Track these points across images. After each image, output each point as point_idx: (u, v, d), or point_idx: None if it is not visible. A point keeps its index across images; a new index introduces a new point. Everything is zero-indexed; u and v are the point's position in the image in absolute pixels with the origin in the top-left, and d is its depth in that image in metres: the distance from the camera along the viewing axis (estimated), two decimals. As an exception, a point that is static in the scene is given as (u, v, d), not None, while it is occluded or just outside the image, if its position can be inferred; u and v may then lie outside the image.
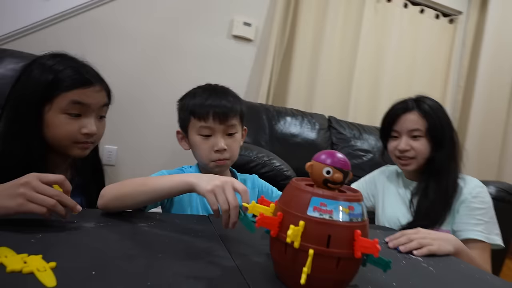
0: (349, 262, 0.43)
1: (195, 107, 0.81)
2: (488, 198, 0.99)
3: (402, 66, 2.75)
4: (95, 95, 0.76)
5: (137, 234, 0.59)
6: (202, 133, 0.81)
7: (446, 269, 0.67)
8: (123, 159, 2.14)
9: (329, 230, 0.42)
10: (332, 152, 0.47)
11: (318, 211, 0.42)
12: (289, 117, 2.13)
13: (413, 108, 1.03)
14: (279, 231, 0.44)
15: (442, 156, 1.01)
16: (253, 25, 2.35)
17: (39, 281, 0.38)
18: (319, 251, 0.41)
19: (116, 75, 2.11)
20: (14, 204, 0.51)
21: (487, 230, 0.94)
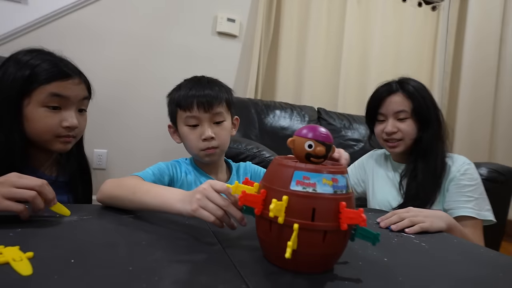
0: (336, 235, 0.42)
1: (180, 98, 0.82)
2: (477, 175, 1.00)
3: (388, 55, 2.77)
4: (74, 88, 0.75)
5: (121, 225, 0.58)
6: (189, 123, 0.82)
7: (439, 244, 0.67)
8: (114, 162, 2.12)
9: (313, 203, 0.41)
10: (314, 126, 0.46)
11: (301, 184, 0.41)
12: (278, 110, 2.13)
13: (397, 90, 1.03)
14: (263, 208, 0.43)
15: (429, 136, 1.00)
16: (237, 21, 2.34)
17: (14, 271, 0.37)
18: (304, 225, 0.40)
19: (102, 78, 2.09)
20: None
21: (477, 206, 0.95)
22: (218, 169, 0.89)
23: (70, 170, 0.83)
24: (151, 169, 0.80)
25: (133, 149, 2.15)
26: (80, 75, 0.78)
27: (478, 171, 1.67)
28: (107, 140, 2.07)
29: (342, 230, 0.41)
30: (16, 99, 0.70)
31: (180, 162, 0.89)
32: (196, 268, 0.43)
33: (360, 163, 1.24)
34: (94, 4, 2.01)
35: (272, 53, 2.43)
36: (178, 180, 0.84)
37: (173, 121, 0.87)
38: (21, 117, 0.71)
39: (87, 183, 0.89)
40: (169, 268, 0.42)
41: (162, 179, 0.80)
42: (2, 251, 0.41)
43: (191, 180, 0.85)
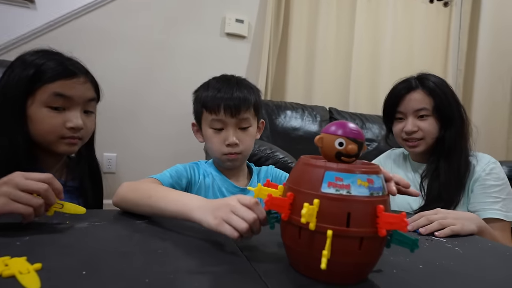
0: (373, 242, 0.38)
1: (207, 99, 0.78)
2: (503, 174, 0.94)
3: (399, 52, 2.71)
4: (79, 87, 0.72)
5: (134, 232, 0.54)
6: (214, 127, 0.78)
7: (473, 248, 0.62)
8: (123, 166, 2.10)
9: (348, 207, 0.37)
10: (343, 122, 0.42)
11: (333, 186, 0.37)
12: (289, 110, 2.08)
13: (417, 87, 0.98)
14: (290, 213, 0.39)
15: (452, 134, 0.95)
16: (246, 22, 2.31)
17: (21, 285, 0.34)
18: (338, 232, 0.36)
19: (112, 81, 2.08)
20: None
21: (505, 207, 0.89)
22: (240, 173, 0.86)
23: (79, 174, 0.81)
24: (168, 171, 0.77)
25: (143, 153, 2.13)
26: (86, 74, 0.75)
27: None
28: (116, 144, 2.06)
29: (380, 236, 0.37)
30: (20, 99, 0.68)
31: (199, 164, 0.86)
32: (218, 280, 0.39)
33: (377, 163, 1.18)
34: (103, 7, 2.00)
35: (281, 53, 2.40)
36: (196, 183, 0.80)
37: (198, 120, 0.84)
38: (25, 118, 0.69)
39: (98, 187, 0.87)
40: (189, 280, 0.38)
41: (180, 181, 0.77)
42: (8, 262, 0.38)
43: (209, 183, 0.81)
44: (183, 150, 2.20)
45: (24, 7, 1.83)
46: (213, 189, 0.80)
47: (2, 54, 1.80)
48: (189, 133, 2.37)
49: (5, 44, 1.79)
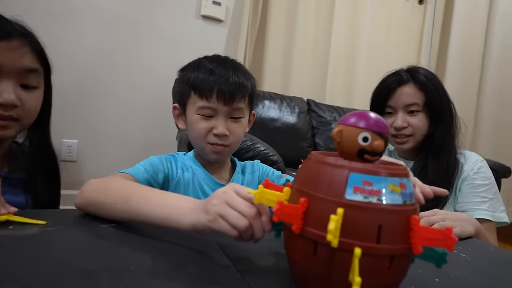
0: (404, 260, 0.31)
1: (198, 81, 0.66)
2: (490, 173, 0.92)
3: (375, 47, 2.72)
4: (10, 54, 0.57)
5: (100, 239, 0.44)
6: (202, 113, 0.67)
7: (478, 254, 0.59)
8: (86, 154, 1.92)
9: (379, 218, 0.29)
10: (365, 113, 0.34)
11: (361, 192, 0.29)
12: (267, 100, 2.01)
13: (409, 80, 0.93)
14: (303, 224, 0.31)
15: (441, 131, 0.92)
16: (223, 4, 2.19)
17: None
18: (367, 250, 0.28)
19: (74, 59, 1.89)
20: None
21: (492, 207, 0.87)
22: (223, 167, 0.76)
23: (27, 164, 0.67)
24: (142, 165, 0.65)
25: (109, 140, 1.97)
26: (25, 36, 0.60)
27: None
28: (78, 130, 1.87)
29: (413, 253, 0.30)
30: None
31: (176, 156, 0.74)
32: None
33: None
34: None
35: (259, 40, 2.31)
36: (173, 178, 0.70)
37: (181, 104, 0.72)
38: None
39: (54, 181, 0.73)
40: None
41: (156, 177, 0.66)
42: None
43: (189, 178, 0.71)
44: (153, 139, 2.06)
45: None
46: (193, 184, 0.70)
47: None
48: (160, 121, 2.21)
49: None
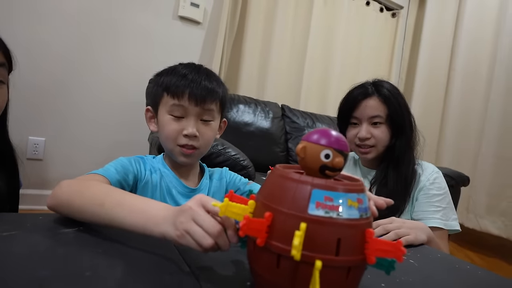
0: (359, 271, 0.33)
1: (171, 82, 0.69)
2: (444, 184, 0.98)
3: (349, 57, 2.81)
4: None
5: (58, 246, 0.43)
6: (173, 113, 0.69)
7: (426, 260, 0.62)
8: (52, 152, 1.85)
9: (338, 232, 0.31)
10: (326, 130, 0.36)
11: (322, 208, 0.31)
12: (242, 104, 2.02)
13: (373, 93, 0.98)
14: (268, 238, 0.32)
15: (402, 143, 0.97)
16: (201, 6, 2.18)
17: None
18: (327, 262, 0.30)
19: (43, 57, 1.82)
20: None
21: (445, 216, 0.93)
22: (191, 171, 0.77)
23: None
24: (113, 166, 0.65)
25: (77, 139, 1.90)
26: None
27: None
28: (45, 127, 1.80)
29: (367, 264, 0.32)
30: None
31: (145, 158, 0.75)
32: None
33: None
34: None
35: (236, 44, 2.32)
36: (141, 179, 0.70)
37: (154, 106, 0.74)
38: None
39: (12, 178, 0.71)
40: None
41: (127, 177, 0.66)
42: None
43: (157, 180, 0.72)
44: (124, 139, 2.01)
45: None
46: (161, 187, 0.71)
47: None
48: (132, 122, 2.17)
49: None
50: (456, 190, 1.88)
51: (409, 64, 3.17)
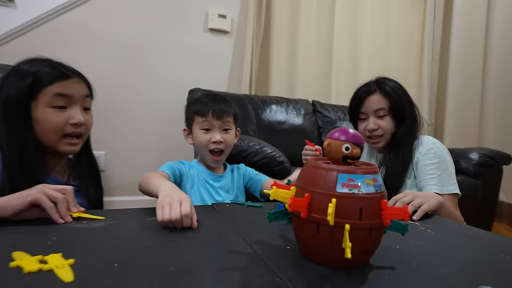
0: (378, 231, 0.44)
1: (199, 107, 0.99)
2: (441, 152, 1.06)
3: (377, 44, 2.80)
4: (75, 86, 0.77)
5: (147, 228, 0.59)
6: (203, 127, 0.99)
7: (443, 230, 0.70)
8: (112, 163, 2.09)
9: (360, 203, 0.42)
10: (345, 129, 0.48)
11: (347, 186, 0.43)
12: (274, 105, 2.14)
13: (376, 90, 1.11)
14: (308, 212, 0.44)
15: (403, 130, 1.09)
16: (228, 17, 2.33)
17: (57, 278, 0.38)
18: (353, 225, 0.41)
19: (96, 79, 2.02)
20: (32, 192, 0.56)
21: (440, 182, 1.01)
22: (218, 168, 1.06)
23: (80, 172, 0.84)
24: (166, 166, 0.95)
25: (131, 150, 2.13)
26: (79, 75, 0.80)
27: (469, 156, 1.75)
28: (105, 142, 2.05)
29: (384, 225, 0.43)
30: (24, 105, 0.72)
31: (183, 161, 1.04)
32: (231, 264, 0.44)
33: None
34: (84, 4, 1.96)
35: (264, 47, 2.43)
36: (184, 173, 1.00)
37: (189, 126, 1.04)
38: (31, 121, 0.73)
39: (98, 184, 0.90)
40: (206, 266, 0.44)
41: (176, 172, 0.96)
42: (46, 259, 0.42)
43: (194, 173, 1.01)
44: (169, 147, 2.21)
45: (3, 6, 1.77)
46: (198, 177, 1.01)
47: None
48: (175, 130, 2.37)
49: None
50: (497, 170, 1.87)
51: (442, 44, 3.08)
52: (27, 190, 0.57)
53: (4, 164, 0.70)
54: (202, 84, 2.10)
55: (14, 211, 0.55)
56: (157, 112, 2.19)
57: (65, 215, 0.59)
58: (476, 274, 0.47)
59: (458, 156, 1.84)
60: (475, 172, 1.74)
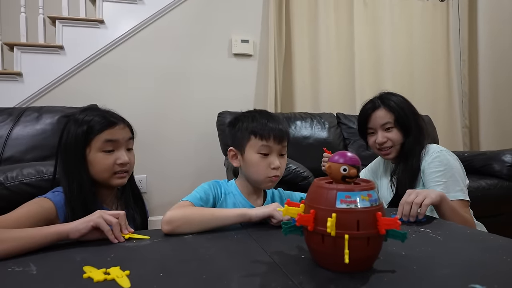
0: (376, 239, 0.52)
1: (257, 128, 0.89)
2: (446, 160, 1.09)
3: (400, 52, 2.80)
4: (121, 132, 0.92)
5: (185, 244, 0.70)
6: (261, 152, 0.88)
7: (452, 235, 0.74)
8: (153, 185, 2.28)
9: (357, 216, 0.50)
10: (344, 153, 0.56)
11: (345, 203, 0.51)
12: (298, 121, 2.21)
13: (380, 106, 1.17)
14: (314, 225, 0.53)
15: (410, 140, 1.14)
16: (251, 41, 2.47)
17: (119, 285, 0.50)
18: (352, 235, 0.49)
19: (135, 110, 2.27)
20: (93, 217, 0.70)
21: (446, 189, 1.03)
22: (257, 195, 0.97)
23: (126, 202, 0.99)
24: (198, 192, 0.89)
25: (169, 171, 2.32)
26: (123, 120, 0.95)
27: (502, 158, 1.72)
28: (145, 166, 2.24)
29: (381, 234, 0.51)
30: (81, 150, 0.88)
31: (220, 183, 0.97)
32: (252, 272, 0.54)
33: (372, 166, 1.38)
34: (123, 44, 2.21)
35: (286, 66, 2.54)
36: (219, 199, 0.93)
37: (239, 147, 0.93)
38: (86, 162, 0.89)
39: (142, 210, 1.04)
40: (232, 273, 0.54)
41: (208, 201, 0.90)
42: (109, 271, 0.54)
43: (230, 201, 0.94)
44: (203, 167, 2.36)
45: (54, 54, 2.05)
46: (234, 203, 0.94)
47: (40, 98, 2.02)
48: (206, 151, 2.52)
49: (42, 88, 2.01)
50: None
51: (469, 44, 3.02)
52: (88, 216, 0.71)
53: (66, 199, 0.85)
54: (230, 106, 2.24)
55: (80, 234, 0.68)
56: (189, 135, 2.36)
57: (119, 236, 0.71)
58: (472, 275, 0.53)
59: (490, 158, 1.81)
60: (509, 175, 1.70)
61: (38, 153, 1.46)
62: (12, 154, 1.44)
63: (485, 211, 1.46)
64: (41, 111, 1.59)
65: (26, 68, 2.00)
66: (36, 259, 0.61)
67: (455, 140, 2.87)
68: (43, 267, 0.57)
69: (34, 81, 2.01)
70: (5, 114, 1.55)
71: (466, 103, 3.00)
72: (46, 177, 1.08)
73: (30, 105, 1.95)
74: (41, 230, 0.67)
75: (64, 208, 0.83)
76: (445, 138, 2.73)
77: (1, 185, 1.05)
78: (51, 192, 0.88)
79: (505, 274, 0.54)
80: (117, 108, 1.02)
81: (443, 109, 2.90)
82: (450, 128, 2.89)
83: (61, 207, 0.84)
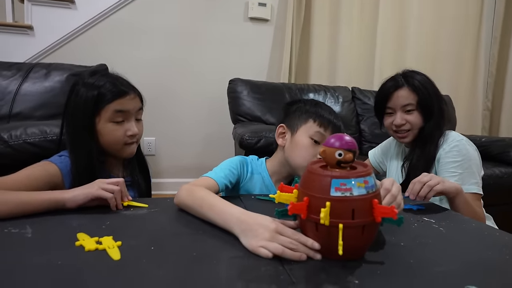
0: (371, 227, 0.50)
1: (319, 115, 0.88)
2: (465, 150, 1.03)
3: (426, 24, 2.64)
4: (131, 102, 0.89)
5: (181, 217, 0.70)
6: (314, 137, 0.86)
7: (456, 228, 0.71)
8: (162, 148, 2.31)
9: (352, 205, 0.48)
10: (341, 136, 0.52)
11: (339, 191, 0.48)
12: (311, 93, 2.15)
13: (403, 85, 1.08)
14: (308, 213, 0.51)
15: (431, 125, 1.07)
16: (268, 5, 2.35)
17: (109, 256, 0.50)
18: (346, 224, 0.47)
19: (146, 71, 2.25)
20: (92, 190, 0.69)
21: (460, 181, 0.99)
22: (286, 180, 0.93)
23: (132, 170, 0.99)
24: (223, 170, 0.84)
25: (179, 135, 2.33)
26: (134, 89, 0.91)
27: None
28: (155, 129, 2.25)
29: (376, 222, 0.49)
30: (90, 119, 0.86)
31: (248, 161, 0.93)
32: (243, 254, 0.53)
33: (383, 147, 1.32)
34: (132, 3, 2.13)
35: (304, 34, 2.43)
36: (243, 180, 0.90)
37: (292, 126, 0.90)
38: (95, 133, 0.87)
39: (147, 178, 1.04)
40: (223, 253, 0.53)
41: (232, 180, 0.85)
42: (101, 240, 0.55)
43: (256, 182, 0.91)
44: (212, 133, 2.35)
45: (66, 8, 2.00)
46: (260, 186, 0.92)
47: (50, 54, 2.00)
48: (216, 118, 2.51)
49: (53, 44, 1.98)
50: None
51: (504, 20, 2.78)
52: (87, 187, 0.69)
53: (73, 166, 0.84)
54: (242, 73, 2.18)
55: (77, 205, 0.68)
56: (200, 101, 2.34)
57: (119, 204, 0.71)
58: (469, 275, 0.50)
59: (509, 146, 1.74)
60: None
61: (46, 111, 1.47)
62: (21, 110, 1.45)
63: (496, 199, 1.42)
64: (50, 68, 1.58)
65: (36, 21, 1.97)
66: (33, 222, 0.62)
67: (474, 123, 2.76)
68: (38, 231, 0.58)
69: (45, 36, 1.98)
70: (14, 69, 1.55)
71: (491, 84, 2.85)
72: (50, 137, 1.09)
73: (41, 61, 1.94)
74: (38, 195, 0.67)
75: (70, 174, 0.83)
76: (463, 120, 2.63)
77: (5, 143, 1.06)
78: (57, 156, 0.88)
79: (505, 275, 0.52)
80: (128, 69, 0.99)
81: (465, 89, 2.76)
82: (470, 110, 2.77)
83: (67, 173, 0.83)
